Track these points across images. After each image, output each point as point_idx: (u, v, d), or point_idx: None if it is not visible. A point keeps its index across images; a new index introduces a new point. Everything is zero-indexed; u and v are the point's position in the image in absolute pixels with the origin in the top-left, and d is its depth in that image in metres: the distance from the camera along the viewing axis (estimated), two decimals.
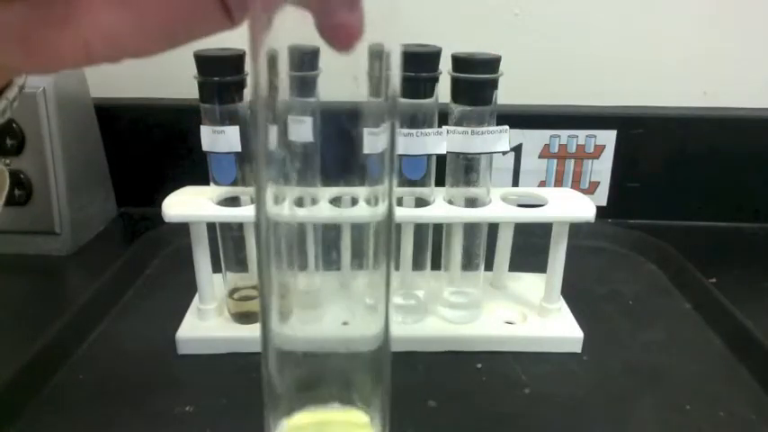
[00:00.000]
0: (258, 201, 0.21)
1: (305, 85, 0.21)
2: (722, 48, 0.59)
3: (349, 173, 0.22)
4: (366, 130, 0.21)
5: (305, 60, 0.20)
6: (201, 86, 0.38)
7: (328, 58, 0.20)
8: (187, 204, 0.41)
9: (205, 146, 0.39)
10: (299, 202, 0.25)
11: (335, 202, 0.26)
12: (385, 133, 0.21)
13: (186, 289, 0.44)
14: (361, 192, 0.23)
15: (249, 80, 0.21)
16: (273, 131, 0.21)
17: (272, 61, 0.20)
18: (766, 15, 0.58)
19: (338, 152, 0.22)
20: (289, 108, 0.21)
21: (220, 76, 0.38)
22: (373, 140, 0.21)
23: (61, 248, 0.52)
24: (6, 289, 0.48)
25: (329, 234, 0.26)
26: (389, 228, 0.23)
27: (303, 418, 0.25)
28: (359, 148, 0.21)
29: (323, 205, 0.26)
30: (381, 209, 0.22)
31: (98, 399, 0.37)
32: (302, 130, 0.22)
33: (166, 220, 0.40)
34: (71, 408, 0.37)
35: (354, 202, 0.24)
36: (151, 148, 0.60)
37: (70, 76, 0.54)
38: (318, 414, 0.25)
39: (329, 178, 0.23)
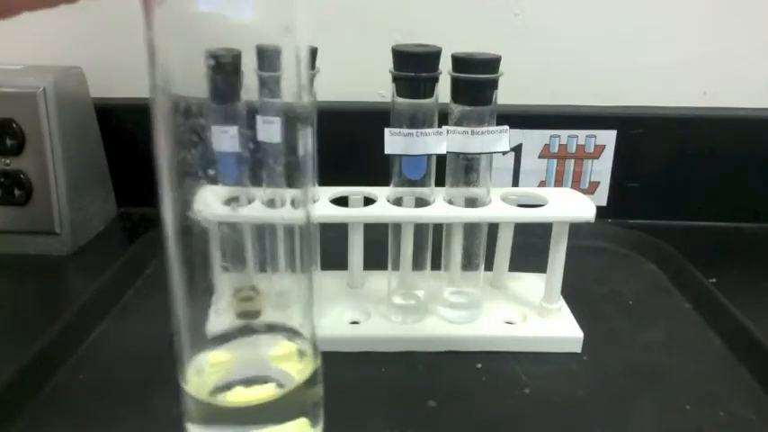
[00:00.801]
0: (162, 201, 0.21)
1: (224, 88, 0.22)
2: (722, 48, 0.59)
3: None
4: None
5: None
6: None
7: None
8: None
9: None
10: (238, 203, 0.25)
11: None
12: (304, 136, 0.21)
13: None
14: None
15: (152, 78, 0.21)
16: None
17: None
18: (766, 15, 0.58)
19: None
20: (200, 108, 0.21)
21: None
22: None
23: (61, 248, 0.52)
24: (6, 289, 0.48)
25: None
26: (309, 230, 0.23)
27: (222, 354, 0.25)
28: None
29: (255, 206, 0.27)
30: (297, 213, 0.23)
31: (98, 399, 0.37)
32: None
33: None
34: (71, 408, 0.37)
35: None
36: (151, 149, 0.60)
37: (70, 77, 0.54)
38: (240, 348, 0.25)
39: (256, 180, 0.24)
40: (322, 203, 0.42)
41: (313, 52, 0.39)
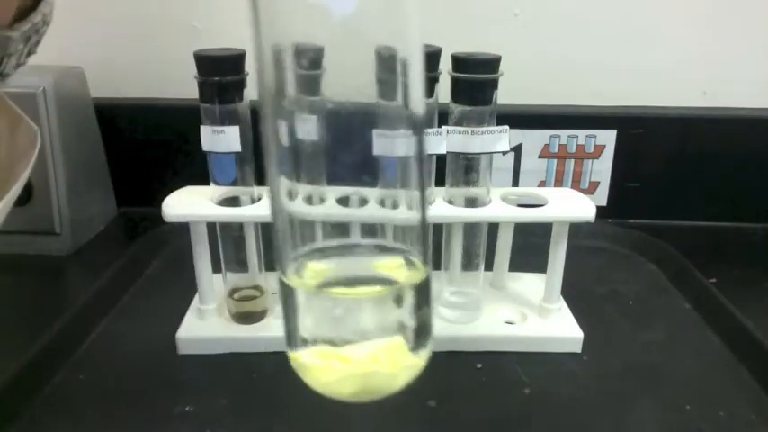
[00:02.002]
0: (272, 194, 0.21)
1: (312, 84, 0.21)
2: (722, 48, 0.59)
3: (359, 174, 0.22)
4: (377, 133, 0.21)
5: (310, 58, 0.20)
6: (201, 86, 0.38)
7: (337, 58, 0.20)
8: (187, 204, 0.41)
9: (205, 146, 0.39)
10: (309, 200, 0.25)
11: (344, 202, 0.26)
12: (401, 138, 0.21)
13: (186, 289, 0.44)
14: (373, 193, 0.23)
15: (255, 75, 0.21)
16: (282, 127, 0.21)
17: (279, 57, 0.20)
18: (766, 15, 0.58)
19: (346, 152, 0.22)
20: (296, 105, 0.21)
21: (220, 75, 0.38)
22: (386, 143, 0.21)
23: (61, 248, 0.52)
24: (6, 289, 0.48)
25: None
26: (425, 233, 0.22)
27: (324, 263, 0.23)
28: (368, 150, 0.21)
29: (331, 204, 0.26)
30: (410, 214, 0.22)
31: (98, 399, 0.37)
32: (309, 128, 0.22)
33: (166, 220, 0.40)
34: (71, 408, 0.37)
35: (364, 202, 0.24)
36: (151, 148, 0.60)
37: (70, 77, 0.54)
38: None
39: (336, 178, 0.23)
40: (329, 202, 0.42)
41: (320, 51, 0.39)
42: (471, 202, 0.42)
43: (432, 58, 0.38)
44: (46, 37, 0.20)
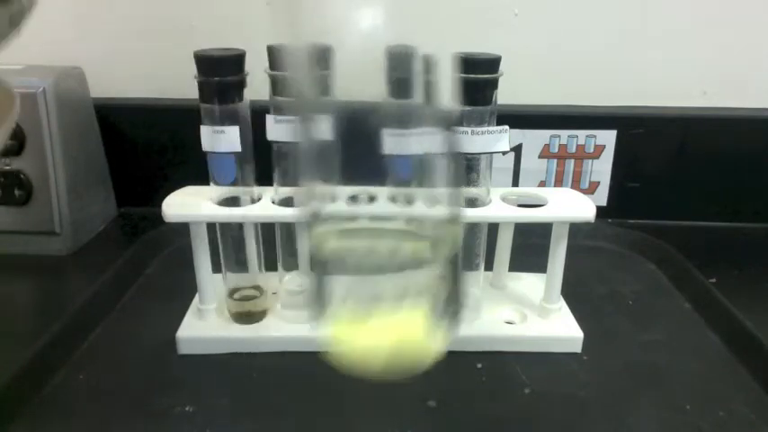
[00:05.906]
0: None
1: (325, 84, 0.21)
2: (722, 48, 0.59)
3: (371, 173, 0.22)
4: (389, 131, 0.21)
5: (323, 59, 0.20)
6: (201, 86, 0.38)
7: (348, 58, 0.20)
8: (187, 204, 0.41)
9: (205, 146, 0.39)
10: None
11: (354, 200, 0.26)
12: (414, 136, 0.21)
13: (186, 289, 0.44)
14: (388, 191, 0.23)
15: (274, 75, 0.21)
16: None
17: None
18: (766, 15, 0.58)
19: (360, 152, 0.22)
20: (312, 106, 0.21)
21: (220, 75, 0.38)
22: (398, 142, 0.21)
23: (61, 248, 0.52)
24: (6, 289, 0.48)
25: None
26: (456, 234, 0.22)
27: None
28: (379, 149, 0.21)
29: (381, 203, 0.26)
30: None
31: (98, 399, 0.37)
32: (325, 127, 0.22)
33: (166, 220, 0.40)
34: (71, 408, 0.37)
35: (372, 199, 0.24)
36: (151, 148, 0.60)
37: (70, 77, 0.54)
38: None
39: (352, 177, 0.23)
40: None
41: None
42: (471, 202, 0.42)
43: (432, 58, 0.38)
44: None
